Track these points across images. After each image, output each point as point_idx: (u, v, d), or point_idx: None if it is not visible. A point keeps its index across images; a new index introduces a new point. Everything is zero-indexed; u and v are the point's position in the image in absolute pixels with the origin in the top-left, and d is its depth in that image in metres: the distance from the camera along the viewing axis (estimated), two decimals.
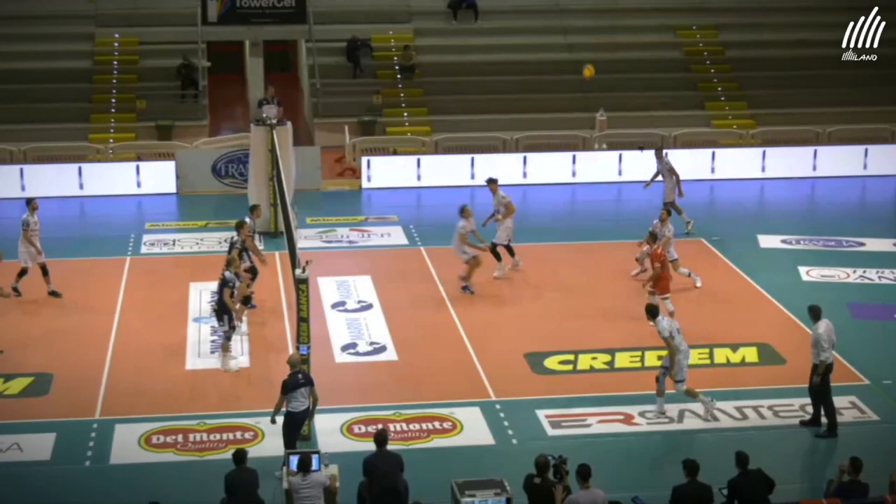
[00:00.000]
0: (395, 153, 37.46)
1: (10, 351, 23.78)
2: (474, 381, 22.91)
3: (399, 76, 41.53)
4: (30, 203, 27.01)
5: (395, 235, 31.57)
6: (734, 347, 24.23)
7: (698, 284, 27.53)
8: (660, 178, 31.44)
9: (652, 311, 21.56)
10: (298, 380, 19.21)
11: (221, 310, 23.52)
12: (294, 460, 17.19)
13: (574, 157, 37.16)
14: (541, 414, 21.41)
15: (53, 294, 26.82)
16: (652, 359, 23.47)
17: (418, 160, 36.66)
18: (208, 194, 35.05)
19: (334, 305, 26.60)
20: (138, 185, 35.40)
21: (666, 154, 31.97)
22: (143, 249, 30.38)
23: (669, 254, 26.61)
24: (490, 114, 39.94)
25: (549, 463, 16.65)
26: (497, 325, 25.56)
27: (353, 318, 25.85)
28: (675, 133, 38.98)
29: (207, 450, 20.19)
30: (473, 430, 20.99)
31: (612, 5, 43.96)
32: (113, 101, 39.88)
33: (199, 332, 25.00)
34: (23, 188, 34.67)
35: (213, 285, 26.01)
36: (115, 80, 40.60)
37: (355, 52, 41.51)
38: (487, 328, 25.36)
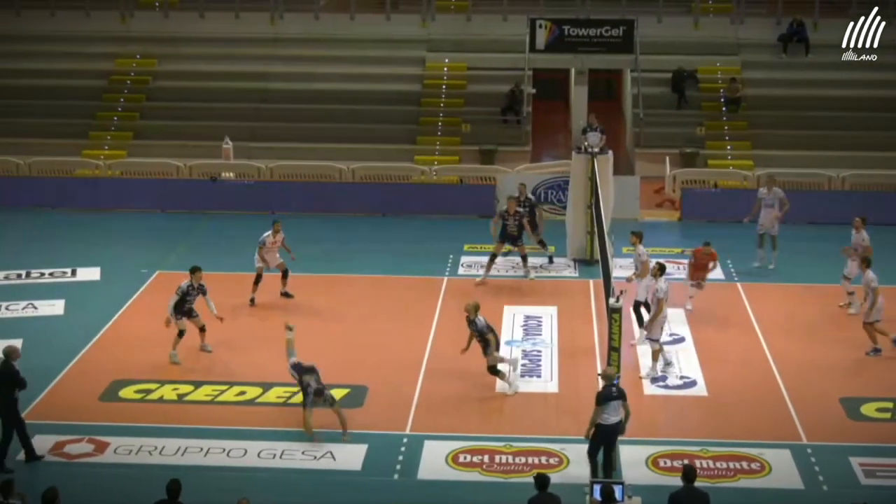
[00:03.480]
0: (715, 187, 36.95)
1: (330, 362, 24.61)
2: (786, 422, 22.35)
3: (724, 108, 41.02)
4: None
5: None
6: None
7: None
8: None
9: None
10: (612, 392, 19.32)
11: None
12: (598, 489, 17.15)
13: None
14: (854, 462, 20.69)
15: (285, 295, 28.29)
16: None
17: (740, 194, 36.10)
18: None
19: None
20: (459, 206, 36.08)
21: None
22: (461, 270, 30.92)
23: None
24: (817, 150, 38.93)
25: None
26: (813, 366, 24.84)
27: (665, 351, 25.61)
28: None
29: (512, 472, 20.36)
30: (782, 472, 20.47)
31: None
32: (439, 124, 40.83)
33: (510, 355, 25.23)
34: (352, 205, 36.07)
35: (526, 309, 26.53)
36: (442, 104, 41.59)
37: (681, 82, 41.24)
38: (803, 369, 24.70)
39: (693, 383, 24.08)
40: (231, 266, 30.31)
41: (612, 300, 20.57)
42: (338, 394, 23.18)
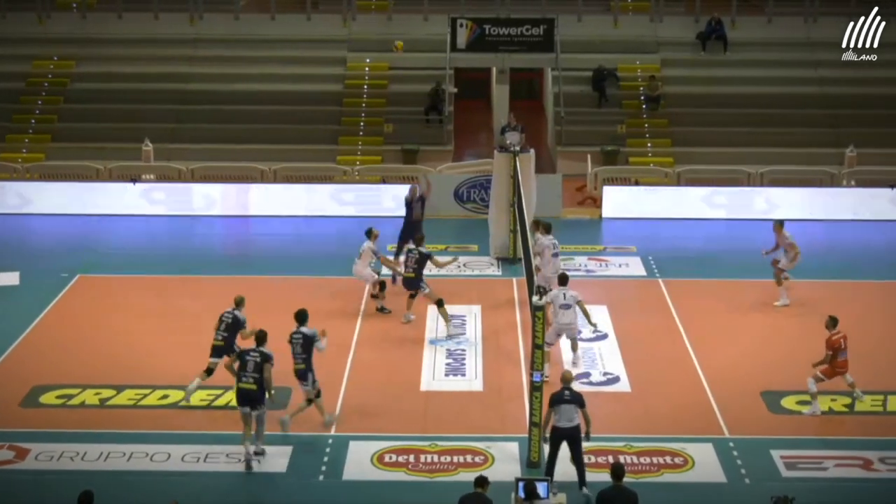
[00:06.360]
0: (636, 184, 37.22)
1: None
2: (708, 416, 22.56)
3: (644, 106, 41.33)
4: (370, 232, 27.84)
5: (634, 266, 31.34)
6: None
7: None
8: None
9: None
10: (564, 396, 19.30)
11: None
12: (521, 486, 17.16)
13: (820, 193, 36.29)
14: (776, 454, 20.93)
15: (382, 310, 27.70)
16: (894, 403, 22.76)
17: (660, 191, 36.41)
18: (450, 218, 35.43)
19: None
20: (382, 206, 36.02)
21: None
22: (385, 271, 30.81)
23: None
24: (736, 147, 39.34)
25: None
26: (735, 360, 25.09)
27: (588, 348, 25.72)
28: None
29: (438, 471, 20.38)
30: (705, 466, 20.67)
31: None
32: (361, 124, 40.77)
33: (435, 354, 25.29)
34: (274, 206, 35.89)
35: (450, 308, 26.57)
36: (364, 104, 41.53)
37: (601, 81, 41.48)
38: (724, 364, 24.92)
39: (616, 379, 24.24)
40: (153, 269, 30.18)
41: (535, 298, 20.64)
42: None
